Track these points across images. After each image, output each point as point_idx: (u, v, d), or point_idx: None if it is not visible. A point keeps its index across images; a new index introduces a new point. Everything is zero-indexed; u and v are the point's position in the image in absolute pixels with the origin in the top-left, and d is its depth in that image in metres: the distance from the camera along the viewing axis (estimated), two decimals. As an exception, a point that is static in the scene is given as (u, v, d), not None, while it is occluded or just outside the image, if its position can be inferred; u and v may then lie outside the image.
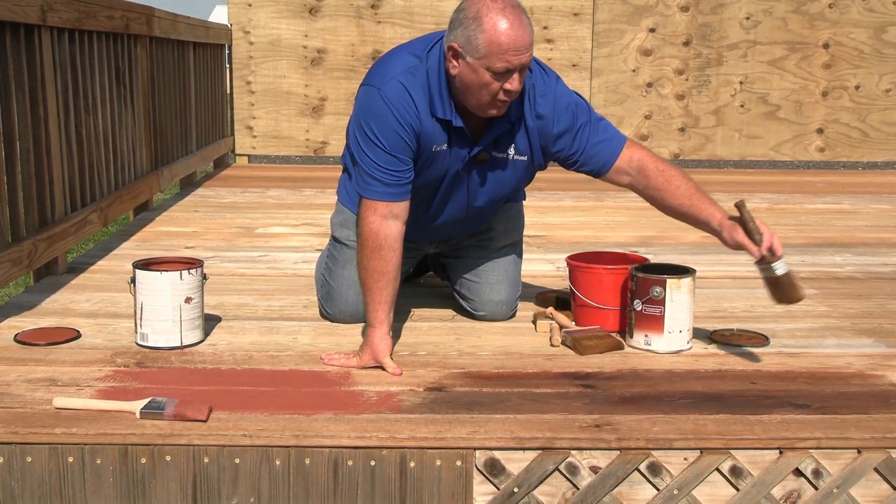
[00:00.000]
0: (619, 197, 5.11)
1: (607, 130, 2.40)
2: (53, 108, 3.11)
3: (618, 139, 2.40)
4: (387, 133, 2.22)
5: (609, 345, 2.41)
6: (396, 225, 2.27)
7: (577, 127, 2.36)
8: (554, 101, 2.32)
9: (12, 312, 2.68)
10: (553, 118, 2.33)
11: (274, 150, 6.48)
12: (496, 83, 2.14)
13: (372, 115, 2.24)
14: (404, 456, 1.88)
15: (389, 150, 2.23)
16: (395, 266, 2.27)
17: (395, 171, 2.25)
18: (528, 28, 2.14)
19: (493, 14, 2.10)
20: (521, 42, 2.11)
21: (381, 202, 2.25)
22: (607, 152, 2.38)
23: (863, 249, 3.74)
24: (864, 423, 1.97)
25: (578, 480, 1.90)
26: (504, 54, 2.10)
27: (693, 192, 2.37)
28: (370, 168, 2.25)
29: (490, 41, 2.10)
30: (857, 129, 6.55)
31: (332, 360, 2.28)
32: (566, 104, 2.34)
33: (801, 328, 2.64)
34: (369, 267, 2.26)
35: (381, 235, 2.25)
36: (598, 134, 2.38)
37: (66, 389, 2.08)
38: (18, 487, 1.87)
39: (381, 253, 2.25)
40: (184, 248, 3.58)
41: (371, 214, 2.26)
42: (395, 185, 2.25)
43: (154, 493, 1.88)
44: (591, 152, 2.38)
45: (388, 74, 2.25)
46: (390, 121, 2.21)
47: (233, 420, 1.92)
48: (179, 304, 2.34)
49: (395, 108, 2.21)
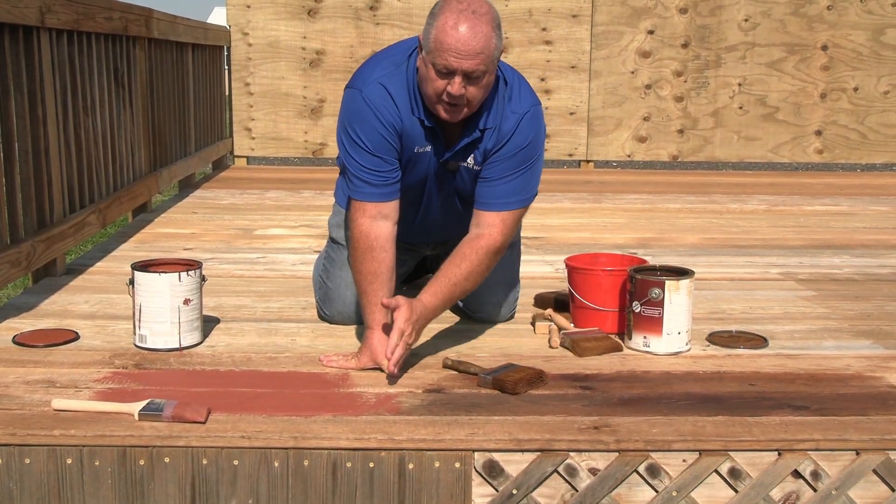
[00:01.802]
0: (618, 199, 5.12)
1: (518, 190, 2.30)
2: (52, 110, 3.11)
3: (511, 203, 2.29)
4: (370, 134, 2.24)
5: (608, 346, 2.41)
6: (387, 225, 2.27)
7: (510, 160, 2.28)
8: (518, 123, 2.27)
9: (11, 314, 2.68)
10: (508, 139, 2.27)
11: (272, 151, 6.48)
12: (439, 81, 2.14)
13: (355, 118, 2.26)
14: (403, 458, 1.87)
15: (373, 150, 2.25)
16: (389, 267, 2.27)
17: (380, 171, 2.26)
18: (481, 37, 2.08)
19: (448, 13, 2.10)
20: (464, 46, 2.08)
21: (370, 203, 2.26)
22: (489, 199, 2.29)
23: (861, 251, 3.74)
24: (862, 424, 1.97)
25: (577, 482, 1.90)
26: (445, 53, 2.09)
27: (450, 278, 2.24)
28: (356, 170, 2.27)
29: (436, 38, 2.10)
30: (856, 131, 6.55)
31: (330, 361, 2.28)
32: (523, 136, 2.28)
33: (799, 330, 2.65)
34: (362, 269, 2.27)
35: (371, 236, 2.26)
36: (509, 184, 2.29)
37: (65, 391, 2.08)
38: (17, 489, 1.87)
39: (372, 254, 2.25)
40: (182, 250, 3.57)
41: (360, 216, 2.27)
42: (381, 186, 2.27)
43: (152, 494, 1.88)
44: (487, 186, 2.30)
45: (369, 77, 2.28)
46: (372, 122, 2.23)
47: (231, 422, 1.92)
48: (178, 306, 2.34)
49: (377, 108, 2.23)
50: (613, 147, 6.53)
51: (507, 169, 2.29)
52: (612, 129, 6.51)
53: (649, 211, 4.74)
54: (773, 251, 3.72)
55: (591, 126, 6.49)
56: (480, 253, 2.27)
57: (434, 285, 2.25)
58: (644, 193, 5.32)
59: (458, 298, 2.31)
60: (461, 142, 2.29)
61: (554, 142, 6.49)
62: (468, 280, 2.27)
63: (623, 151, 6.54)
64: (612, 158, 6.60)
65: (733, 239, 3.98)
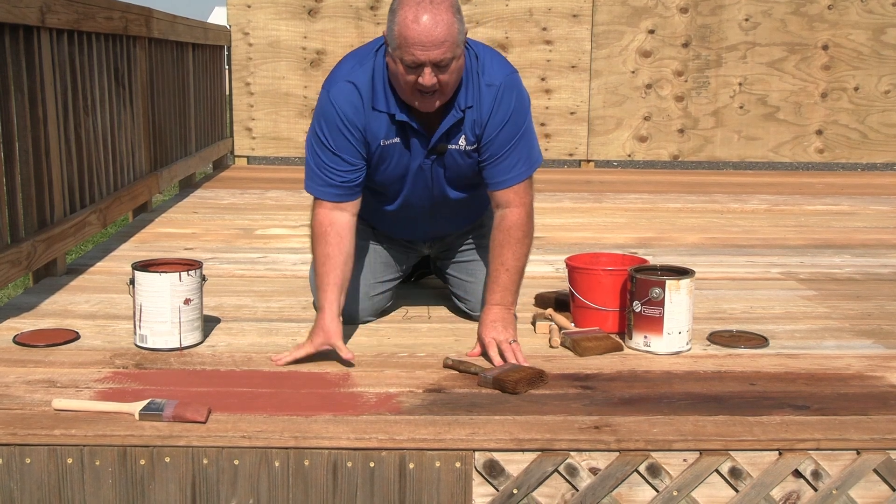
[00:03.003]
0: (619, 198, 5.12)
1: (521, 157, 2.34)
2: (52, 110, 3.11)
3: (518, 173, 2.35)
4: (332, 133, 2.30)
5: (608, 346, 2.41)
6: (343, 215, 2.35)
7: (502, 133, 2.31)
8: (496, 96, 2.29)
9: (11, 314, 2.68)
10: (490, 115, 2.30)
11: (273, 151, 6.48)
12: (410, 76, 2.16)
13: (322, 117, 2.32)
14: (403, 457, 1.87)
15: (335, 150, 2.31)
16: (343, 251, 2.32)
17: (340, 170, 2.32)
18: (443, 25, 2.10)
19: (407, 7, 2.12)
20: (426, 38, 2.09)
21: (327, 201, 2.35)
22: (500, 177, 2.35)
23: (862, 251, 3.74)
24: (863, 424, 1.97)
25: (578, 482, 1.89)
26: (410, 48, 2.11)
27: (503, 268, 2.34)
28: (318, 167, 2.34)
29: (399, 33, 2.12)
30: (857, 131, 6.55)
31: (281, 359, 2.29)
32: (505, 109, 2.30)
33: (800, 329, 2.64)
34: (316, 253, 2.35)
35: (325, 223, 2.33)
36: (510, 156, 2.33)
37: (66, 391, 2.08)
38: (17, 489, 1.87)
39: (326, 239, 2.33)
40: (183, 250, 3.57)
41: (319, 207, 2.37)
42: (339, 186, 2.33)
43: (153, 494, 1.88)
44: (493, 166, 2.35)
45: (337, 76, 2.32)
46: (335, 121, 2.29)
47: (232, 421, 1.92)
48: (178, 306, 2.34)
49: (340, 107, 2.28)
50: (614, 147, 6.53)
51: (503, 144, 2.32)
52: (613, 128, 6.50)
53: (650, 210, 4.74)
54: (774, 251, 3.72)
55: (591, 126, 6.49)
56: (513, 231, 2.35)
57: (491, 282, 2.35)
58: (645, 193, 5.32)
59: (520, 274, 2.39)
60: (442, 125, 2.30)
61: (554, 141, 6.49)
62: (518, 259, 2.37)
63: (624, 151, 6.54)
64: (612, 158, 6.60)
65: (734, 238, 3.98)
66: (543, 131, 6.46)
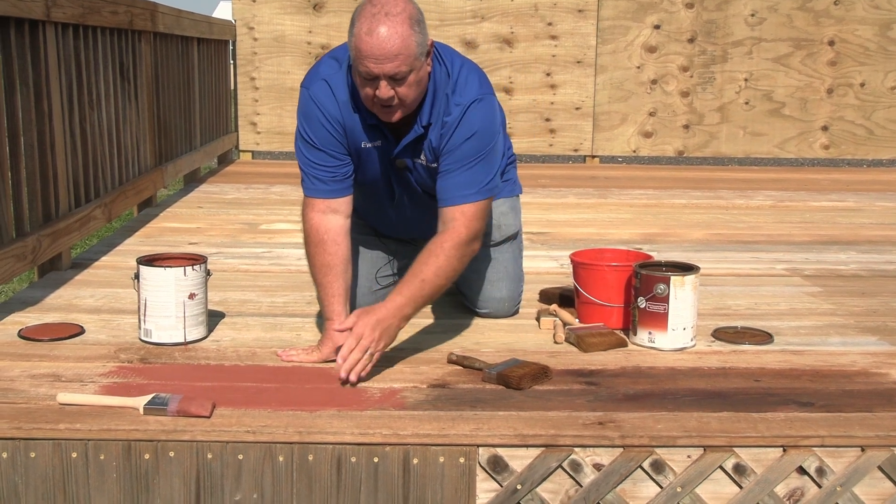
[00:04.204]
0: (623, 194, 5.11)
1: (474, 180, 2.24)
2: (58, 104, 3.11)
3: (468, 194, 2.24)
4: (316, 130, 2.29)
5: (613, 342, 2.41)
6: (337, 219, 2.32)
7: (459, 150, 2.25)
8: (462, 114, 2.23)
9: (16, 308, 2.68)
10: (453, 129, 2.24)
11: (278, 146, 6.48)
12: (367, 87, 2.15)
13: (304, 115, 2.31)
14: (407, 453, 1.88)
15: (320, 146, 2.29)
16: (342, 259, 2.31)
17: (328, 166, 2.31)
18: (397, 38, 2.06)
19: (363, 19, 2.09)
20: (379, 51, 2.06)
21: (319, 199, 2.32)
22: (447, 193, 2.25)
23: (867, 247, 3.73)
24: (868, 421, 1.96)
25: (581, 478, 1.90)
26: (364, 60, 2.09)
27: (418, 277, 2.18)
28: (306, 166, 2.33)
29: (355, 45, 2.11)
30: (863, 127, 6.53)
31: (289, 356, 2.29)
32: (468, 126, 2.23)
33: (805, 326, 2.64)
34: (315, 262, 2.32)
35: (321, 230, 2.30)
36: (463, 175, 2.24)
37: (70, 385, 2.08)
38: (22, 483, 1.87)
39: (324, 247, 2.30)
40: (187, 245, 3.58)
41: (310, 211, 2.33)
42: (330, 182, 2.31)
43: (157, 488, 1.88)
44: (444, 180, 2.26)
45: (315, 75, 2.32)
46: (318, 117, 2.28)
47: (236, 416, 1.92)
48: (183, 301, 2.35)
49: (321, 104, 2.27)
50: (619, 142, 6.52)
51: (457, 161, 2.25)
52: (618, 124, 6.49)
53: (655, 206, 4.73)
54: (779, 247, 3.71)
55: (596, 121, 6.48)
56: (446, 248, 2.22)
57: (401, 285, 2.20)
58: (649, 189, 5.31)
59: (432, 296, 2.24)
60: (404, 140, 2.29)
61: (559, 137, 6.48)
62: (438, 276, 2.21)
63: (628, 147, 6.53)
64: (617, 154, 6.59)
65: (739, 235, 3.98)
66: (548, 126, 6.45)
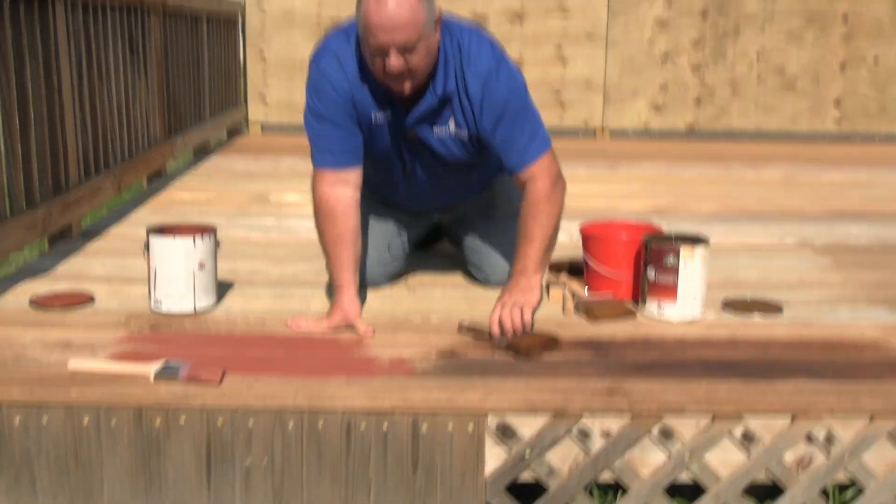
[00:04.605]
0: (634, 166, 5.10)
1: (532, 136, 2.31)
2: (67, 78, 3.11)
3: (533, 151, 2.31)
4: (326, 102, 2.29)
5: (621, 313, 2.41)
6: (346, 191, 2.33)
7: (502, 122, 2.28)
8: (484, 87, 2.25)
9: (27, 277, 2.70)
10: (481, 104, 2.26)
11: (287, 118, 6.47)
12: (377, 60, 2.15)
13: (313, 88, 2.31)
14: (417, 419, 1.88)
15: (330, 119, 2.30)
16: (352, 230, 2.33)
17: (337, 138, 2.31)
18: (405, 8, 2.07)
19: None
20: (387, 22, 2.07)
21: (328, 170, 2.33)
22: (516, 160, 2.32)
23: (879, 220, 3.72)
24: (877, 390, 1.96)
25: (590, 445, 1.90)
26: (373, 32, 2.10)
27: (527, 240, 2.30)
28: (315, 138, 2.34)
29: (364, 18, 2.11)
30: (875, 101, 6.49)
31: (298, 325, 2.30)
32: (497, 97, 2.26)
33: (815, 298, 2.63)
34: (325, 233, 2.35)
35: (331, 202, 2.32)
36: (520, 138, 2.30)
37: (81, 352, 2.09)
38: (35, 448, 1.89)
39: (334, 219, 2.32)
40: (197, 215, 3.58)
41: (320, 183, 2.34)
42: (339, 153, 2.32)
43: (169, 453, 1.89)
44: (506, 152, 2.32)
45: (326, 48, 2.32)
46: (327, 89, 2.28)
47: (246, 383, 1.93)
48: (193, 270, 2.35)
49: (330, 77, 2.28)
50: (629, 116, 6.49)
51: (506, 129, 2.29)
52: (629, 98, 6.46)
53: (665, 179, 4.72)
54: (790, 220, 3.70)
55: (607, 95, 6.44)
56: (539, 204, 2.30)
57: (517, 254, 2.31)
58: (660, 162, 5.29)
59: (550, 249, 2.34)
60: (416, 110, 2.29)
61: (570, 110, 6.45)
62: (543, 228, 2.30)
63: (639, 121, 6.50)
64: (628, 127, 6.56)
65: (749, 207, 3.96)
66: (559, 100, 6.42)
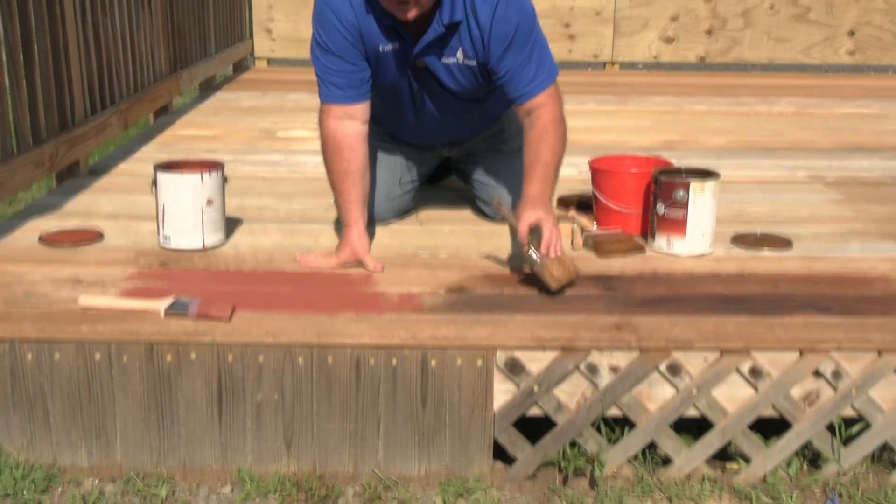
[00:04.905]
0: (644, 101, 5.04)
1: (540, 65, 2.29)
2: (70, 8, 3.07)
3: (541, 80, 2.29)
4: (332, 35, 2.28)
5: (631, 247, 2.40)
6: (354, 125, 2.32)
7: (511, 49, 2.26)
8: (494, 13, 2.23)
9: (36, 214, 2.70)
10: (490, 31, 2.25)
11: (294, 53, 6.39)
12: None
13: (319, 21, 2.30)
14: (426, 355, 1.89)
15: (336, 52, 2.28)
16: (359, 165, 2.33)
17: (344, 71, 2.30)
18: None
19: None
20: None
21: (336, 105, 2.31)
22: (523, 89, 2.30)
23: (891, 154, 3.67)
24: (885, 325, 1.96)
25: (598, 380, 1.91)
26: None
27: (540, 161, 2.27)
28: (322, 72, 2.32)
29: None
30: (890, 32, 6.37)
31: (307, 261, 2.30)
32: (507, 23, 2.24)
33: (825, 232, 2.62)
34: (332, 168, 2.34)
35: (338, 136, 2.31)
36: (528, 66, 2.28)
37: (91, 289, 2.10)
38: (48, 383, 1.91)
39: (341, 154, 2.31)
40: (205, 152, 3.57)
41: (327, 118, 2.33)
42: (346, 88, 2.30)
43: (180, 389, 1.91)
44: (512, 80, 2.30)
45: None
46: (333, 22, 2.27)
47: (256, 319, 1.94)
48: (201, 206, 2.35)
49: (336, 9, 2.26)
50: (640, 48, 6.40)
51: (514, 58, 2.27)
52: (639, 29, 6.36)
53: (675, 113, 4.66)
54: (801, 153, 3.66)
55: (616, 26, 6.34)
56: (549, 127, 2.28)
57: (530, 176, 2.26)
58: (670, 95, 5.22)
59: (557, 173, 2.31)
60: (423, 39, 2.27)
61: (579, 42, 6.36)
62: (554, 152, 2.29)
63: (650, 53, 6.41)
64: (638, 60, 6.47)
65: (761, 141, 3.92)
66: (567, 32, 6.32)
